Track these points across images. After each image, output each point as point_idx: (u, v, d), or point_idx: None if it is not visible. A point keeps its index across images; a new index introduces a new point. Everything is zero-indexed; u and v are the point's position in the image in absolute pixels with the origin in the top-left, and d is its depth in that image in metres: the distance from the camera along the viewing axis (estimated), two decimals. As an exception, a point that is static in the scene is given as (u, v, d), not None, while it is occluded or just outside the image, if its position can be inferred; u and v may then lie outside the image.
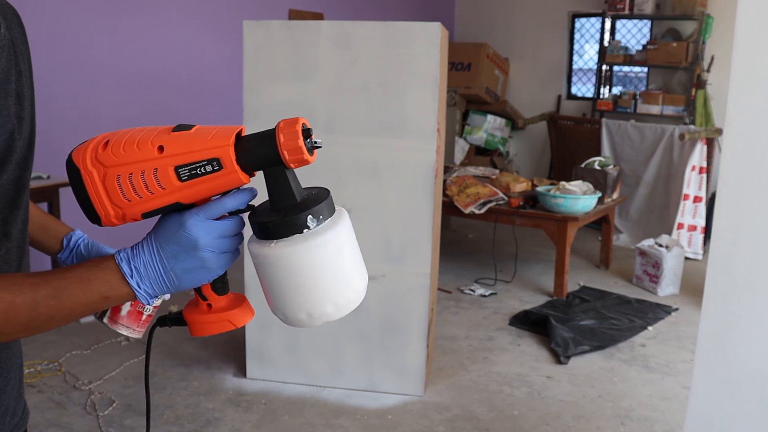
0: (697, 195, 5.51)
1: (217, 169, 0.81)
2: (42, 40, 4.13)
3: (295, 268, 0.83)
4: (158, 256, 0.84)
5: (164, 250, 0.84)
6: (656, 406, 3.13)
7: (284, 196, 0.84)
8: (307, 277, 0.84)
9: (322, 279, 0.85)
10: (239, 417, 2.94)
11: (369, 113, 2.96)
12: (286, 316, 0.88)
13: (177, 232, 0.83)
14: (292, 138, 0.85)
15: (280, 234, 0.82)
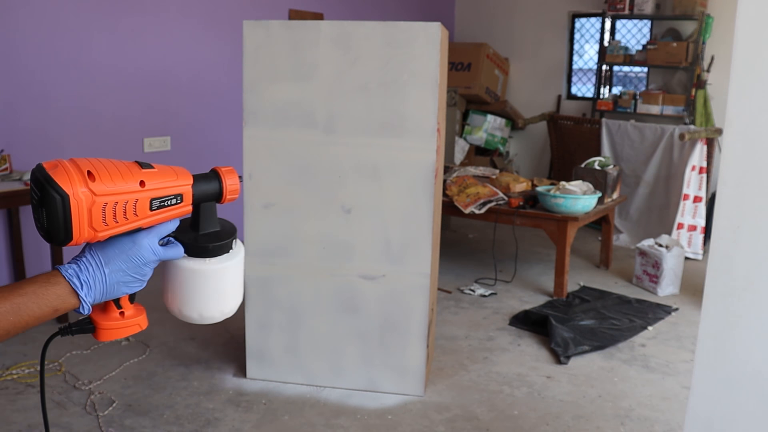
0: (697, 195, 5.51)
1: (179, 203, 0.99)
2: (42, 40, 4.13)
3: (215, 279, 1.04)
4: (105, 270, 0.96)
5: (112, 264, 0.96)
6: (656, 406, 3.13)
7: (211, 224, 1.05)
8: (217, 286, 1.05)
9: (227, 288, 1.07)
10: (239, 417, 2.94)
11: (369, 113, 2.96)
12: (181, 313, 1.06)
13: (130, 249, 0.96)
14: (234, 183, 1.06)
15: (214, 254, 1.04)
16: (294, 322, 3.18)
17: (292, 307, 3.17)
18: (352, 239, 3.06)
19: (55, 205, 0.89)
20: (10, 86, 4.04)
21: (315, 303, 3.15)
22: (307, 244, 3.10)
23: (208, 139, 5.29)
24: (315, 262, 3.11)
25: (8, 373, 3.26)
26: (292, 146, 3.04)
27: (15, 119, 4.09)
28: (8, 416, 2.89)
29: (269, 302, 3.18)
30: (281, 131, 3.03)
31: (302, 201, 3.07)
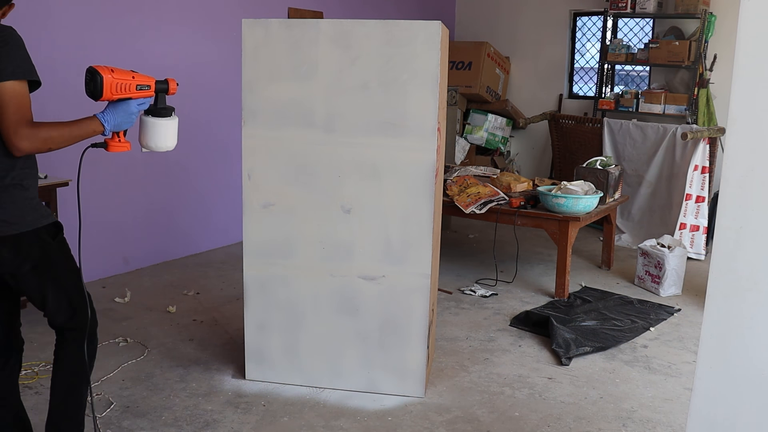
0: (700, 195, 5.49)
1: (148, 89, 2.21)
2: (41, 40, 4.11)
3: (162, 127, 2.25)
4: (116, 115, 2.17)
5: (118, 112, 2.18)
6: (658, 408, 3.11)
7: (162, 104, 2.25)
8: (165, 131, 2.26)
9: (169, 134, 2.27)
10: (238, 419, 2.92)
11: (369, 112, 2.94)
12: (147, 145, 2.26)
13: (126, 105, 2.18)
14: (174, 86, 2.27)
15: (161, 115, 2.25)
16: (293, 323, 3.16)
17: (291, 308, 3.15)
18: (352, 239, 3.04)
19: (97, 80, 2.10)
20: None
21: (314, 303, 3.13)
22: (306, 244, 3.08)
23: (207, 138, 5.28)
24: (315, 262, 3.09)
25: (6, 374, 3.24)
26: (292, 146, 3.02)
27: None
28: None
29: (268, 303, 3.16)
30: (281, 131, 3.02)
31: (302, 201, 3.05)
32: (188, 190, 5.16)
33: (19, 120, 2.00)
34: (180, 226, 5.20)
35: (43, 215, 2.20)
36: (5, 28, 2.06)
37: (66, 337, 2.36)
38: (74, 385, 2.40)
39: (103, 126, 2.14)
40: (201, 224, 5.35)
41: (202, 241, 5.41)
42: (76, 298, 2.31)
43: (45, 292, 2.25)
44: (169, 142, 2.27)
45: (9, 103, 2.00)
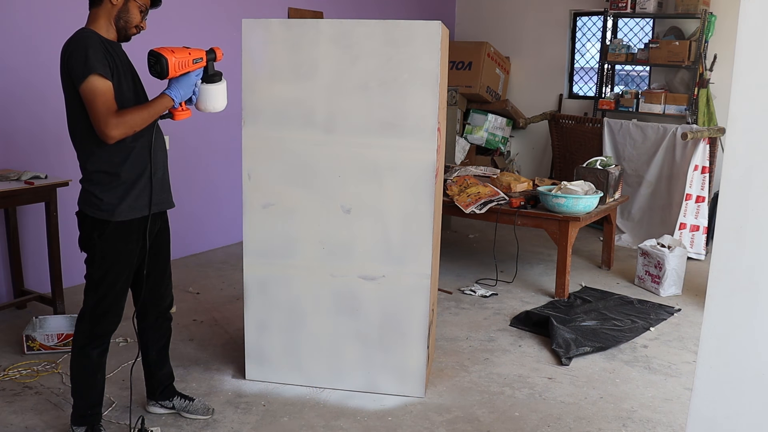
0: (700, 195, 5.49)
1: (202, 60, 2.51)
2: (40, 39, 4.11)
3: (217, 92, 2.57)
4: (180, 88, 2.48)
5: (182, 85, 2.48)
6: (658, 408, 3.10)
7: (213, 70, 2.55)
8: (219, 95, 2.58)
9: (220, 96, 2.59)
10: (238, 419, 2.92)
11: (369, 112, 2.94)
12: (206, 107, 2.58)
13: (187, 78, 2.49)
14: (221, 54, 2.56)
15: (216, 81, 2.56)
16: (293, 323, 3.16)
17: (291, 308, 3.15)
18: (352, 239, 3.04)
19: (162, 62, 2.40)
20: (8, 86, 4.02)
21: (314, 303, 3.12)
22: (306, 244, 3.08)
23: (207, 138, 5.28)
24: (315, 262, 3.09)
25: (5, 374, 3.24)
26: (292, 146, 3.02)
27: (13, 119, 4.07)
28: (5, 417, 2.87)
29: (268, 303, 3.16)
30: (281, 131, 3.01)
31: (302, 201, 3.05)
32: (188, 190, 5.15)
33: (107, 111, 2.31)
34: (180, 226, 5.20)
35: (100, 208, 2.45)
36: (76, 33, 2.39)
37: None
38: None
39: (173, 101, 2.45)
40: (201, 224, 5.35)
41: (202, 241, 5.41)
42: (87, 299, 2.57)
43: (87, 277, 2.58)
44: (221, 103, 2.59)
45: (94, 99, 2.30)
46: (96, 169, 2.44)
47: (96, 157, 2.42)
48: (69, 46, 2.35)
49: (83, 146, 2.43)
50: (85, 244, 2.53)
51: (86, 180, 2.47)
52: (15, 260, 4.07)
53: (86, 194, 2.47)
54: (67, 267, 4.21)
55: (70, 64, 2.32)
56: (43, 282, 4.22)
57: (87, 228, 2.50)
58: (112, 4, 2.42)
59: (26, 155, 4.12)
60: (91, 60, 2.30)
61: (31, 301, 4.06)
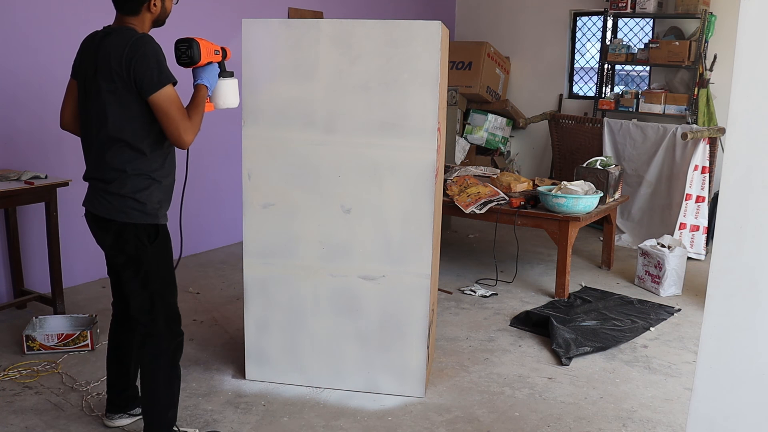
0: (700, 195, 5.49)
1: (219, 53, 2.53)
2: (42, 39, 4.11)
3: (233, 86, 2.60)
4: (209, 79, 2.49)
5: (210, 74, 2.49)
6: (658, 408, 3.10)
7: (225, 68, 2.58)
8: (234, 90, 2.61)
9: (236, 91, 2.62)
10: (238, 419, 2.92)
11: (369, 112, 2.94)
12: (225, 103, 2.59)
13: (214, 70, 2.51)
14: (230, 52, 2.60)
15: (230, 76, 2.58)
16: (293, 323, 3.16)
17: (291, 308, 3.15)
18: (352, 239, 3.04)
19: (194, 48, 2.41)
20: (8, 86, 4.02)
21: (314, 303, 3.12)
22: (306, 244, 3.08)
23: (207, 138, 5.27)
24: (315, 262, 3.09)
25: (5, 374, 3.24)
26: (292, 146, 3.02)
27: (13, 119, 4.07)
28: (5, 418, 2.87)
29: (268, 303, 3.16)
30: (281, 131, 3.01)
31: (302, 201, 3.05)
32: (188, 190, 5.14)
33: (182, 118, 2.32)
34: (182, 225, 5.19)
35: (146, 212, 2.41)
36: (140, 38, 2.31)
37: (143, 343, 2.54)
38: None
39: (207, 89, 2.47)
40: (201, 224, 5.35)
41: (202, 241, 5.41)
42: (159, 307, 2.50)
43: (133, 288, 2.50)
44: (236, 99, 2.62)
45: (170, 107, 2.29)
46: (138, 173, 2.36)
47: (140, 161, 2.37)
48: (132, 52, 2.26)
49: (131, 150, 2.34)
50: (131, 256, 2.42)
51: (121, 185, 2.36)
52: (15, 260, 4.07)
53: (123, 201, 2.37)
54: (67, 267, 4.21)
55: (137, 71, 2.25)
56: (43, 282, 4.22)
57: (130, 237, 2.40)
58: (151, 13, 2.40)
59: (26, 155, 4.12)
60: (165, 68, 2.29)
61: (31, 301, 4.06)
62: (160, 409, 2.53)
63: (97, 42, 2.35)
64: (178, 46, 2.42)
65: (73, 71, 2.49)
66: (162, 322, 2.49)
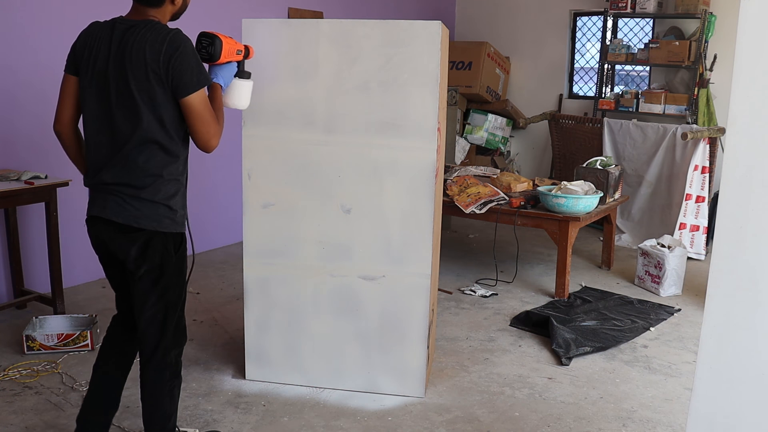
0: (700, 195, 5.49)
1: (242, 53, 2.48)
2: (41, 39, 4.11)
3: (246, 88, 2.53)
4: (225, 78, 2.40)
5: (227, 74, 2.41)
6: (658, 408, 3.10)
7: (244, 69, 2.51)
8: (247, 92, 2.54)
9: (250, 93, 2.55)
10: (238, 419, 2.92)
11: (369, 112, 2.94)
12: (235, 103, 2.51)
13: (230, 66, 2.42)
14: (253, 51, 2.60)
15: (247, 77, 2.53)
16: (293, 323, 3.16)
17: (291, 308, 3.15)
18: (352, 239, 3.04)
19: (216, 44, 2.32)
20: (8, 86, 4.02)
21: (314, 303, 3.12)
22: (306, 244, 3.08)
23: (208, 138, 5.27)
24: (314, 262, 3.09)
25: (5, 374, 3.24)
26: (292, 146, 3.02)
27: (13, 119, 4.07)
28: (5, 418, 2.87)
29: (268, 303, 3.16)
30: (280, 131, 3.01)
31: (302, 201, 3.05)
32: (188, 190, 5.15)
33: (214, 122, 2.23)
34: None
35: (176, 221, 2.29)
36: (176, 33, 2.16)
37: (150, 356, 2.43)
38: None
39: (222, 88, 2.39)
40: (201, 224, 5.34)
41: (202, 241, 5.40)
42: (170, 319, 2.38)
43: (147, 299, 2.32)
44: (247, 101, 2.55)
45: (205, 110, 2.20)
46: (171, 178, 2.24)
47: (174, 165, 2.25)
48: (172, 49, 2.12)
49: (165, 153, 2.21)
50: (155, 266, 2.28)
51: (155, 191, 2.22)
52: (15, 260, 4.07)
53: (155, 208, 2.23)
54: (67, 267, 4.21)
55: (176, 70, 2.12)
56: (43, 282, 4.22)
57: (159, 247, 2.26)
58: (173, 5, 2.27)
59: (26, 155, 4.12)
60: (203, 69, 2.20)
61: (31, 301, 4.06)
62: (163, 421, 2.47)
63: (119, 35, 2.16)
64: (200, 40, 2.32)
65: (71, 66, 2.29)
66: (170, 335, 2.39)
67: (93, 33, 2.25)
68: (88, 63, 2.22)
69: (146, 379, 2.43)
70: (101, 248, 2.36)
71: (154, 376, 2.41)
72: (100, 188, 2.26)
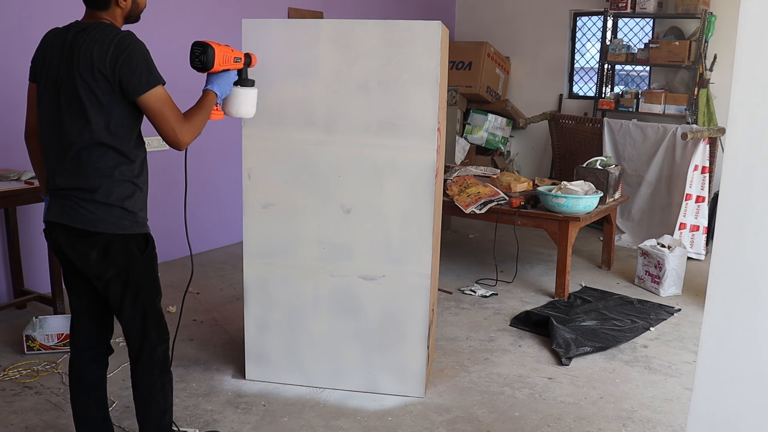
0: (700, 195, 5.49)
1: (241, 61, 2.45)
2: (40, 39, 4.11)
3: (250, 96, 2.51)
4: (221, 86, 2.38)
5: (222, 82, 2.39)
6: (658, 408, 3.10)
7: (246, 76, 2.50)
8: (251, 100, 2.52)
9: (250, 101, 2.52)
10: (238, 419, 2.92)
11: (369, 112, 2.94)
12: (231, 112, 2.50)
13: (227, 75, 2.40)
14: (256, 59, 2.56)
15: (250, 85, 2.51)
16: (293, 323, 3.16)
17: (291, 308, 3.15)
18: (352, 239, 3.04)
19: (209, 53, 2.30)
20: (8, 86, 4.02)
21: (314, 303, 3.12)
22: (306, 244, 3.08)
23: (207, 137, 5.27)
24: (314, 262, 3.09)
25: (5, 374, 3.24)
26: (292, 146, 3.02)
27: (13, 119, 4.07)
28: (5, 417, 2.87)
29: (268, 303, 3.16)
30: (280, 131, 3.01)
31: (302, 201, 3.05)
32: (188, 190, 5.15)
33: (176, 118, 2.19)
34: (179, 226, 5.20)
35: (137, 222, 2.27)
36: (125, 36, 2.14)
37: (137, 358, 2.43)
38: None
39: (216, 96, 2.35)
40: (201, 224, 5.35)
41: (202, 241, 5.41)
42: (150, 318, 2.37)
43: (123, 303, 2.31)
44: (252, 109, 2.52)
45: (163, 108, 2.16)
46: (123, 179, 2.20)
47: (125, 167, 2.20)
48: (118, 50, 2.10)
49: (116, 153, 2.18)
50: (121, 269, 2.25)
51: (107, 193, 2.18)
52: (15, 260, 4.07)
53: (110, 211, 2.19)
54: (67, 267, 4.20)
55: (123, 71, 2.09)
56: (43, 282, 4.22)
57: (120, 249, 2.23)
58: (121, 8, 2.23)
59: (26, 155, 4.11)
60: (154, 69, 2.16)
61: (31, 301, 4.06)
62: (158, 417, 2.47)
63: (70, 38, 2.15)
64: (193, 49, 2.31)
65: (32, 73, 2.28)
66: (154, 333, 2.39)
67: (48, 39, 2.25)
68: (43, 68, 2.22)
69: (137, 379, 2.44)
70: (60, 256, 2.32)
71: (143, 375, 2.42)
72: (56, 193, 2.23)
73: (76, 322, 2.42)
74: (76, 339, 2.43)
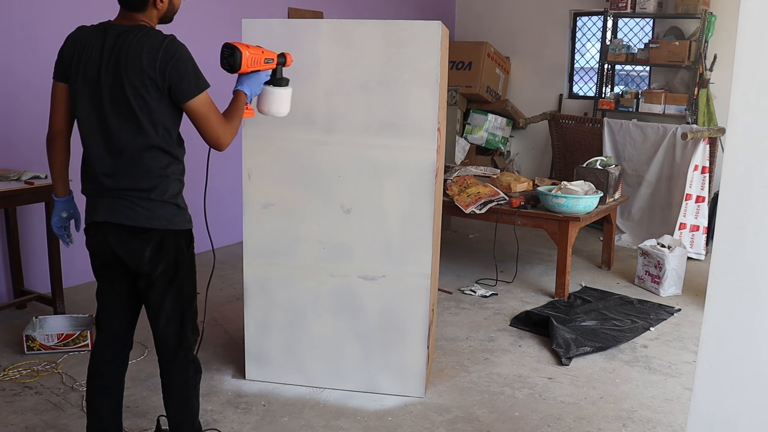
0: (700, 195, 5.49)
1: (272, 61, 2.44)
2: (41, 39, 4.11)
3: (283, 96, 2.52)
4: (251, 87, 2.40)
5: (252, 82, 2.40)
6: (658, 408, 3.10)
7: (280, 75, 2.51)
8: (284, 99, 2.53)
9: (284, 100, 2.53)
10: (238, 419, 2.92)
11: (369, 112, 2.94)
12: (266, 111, 2.54)
13: (257, 76, 2.41)
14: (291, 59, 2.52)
15: (280, 85, 2.51)
16: (293, 323, 3.16)
17: (291, 308, 3.15)
18: (352, 239, 3.04)
19: (237, 55, 2.32)
20: (8, 86, 4.02)
21: (314, 303, 3.13)
22: (306, 244, 3.08)
23: (208, 138, 5.27)
24: (314, 262, 3.09)
25: (5, 374, 3.24)
26: (292, 146, 3.02)
27: (13, 119, 4.07)
28: (5, 417, 2.87)
29: (268, 303, 3.16)
30: (281, 131, 3.01)
31: (302, 201, 3.05)
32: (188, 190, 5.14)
33: (221, 122, 2.25)
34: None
35: (186, 219, 2.40)
36: (171, 40, 2.16)
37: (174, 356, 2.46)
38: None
39: (246, 96, 2.39)
40: (201, 224, 5.34)
41: (203, 240, 5.40)
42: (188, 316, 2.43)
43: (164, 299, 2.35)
44: (285, 108, 2.54)
45: (209, 112, 2.22)
46: (175, 177, 2.32)
47: (175, 165, 2.32)
48: (168, 56, 2.13)
49: (167, 155, 2.26)
50: (170, 264, 2.33)
51: (163, 191, 2.26)
52: (15, 260, 4.07)
53: (164, 208, 2.27)
54: (67, 267, 4.21)
55: (173, 76, 2.13)
56: (43, 282, 4.22)
57: (172, 244, 2.32)
58: (158, 9, 2.25)
59: (26, 155, 4.12)
60: (200, 74, 2.21)
61: (31, 301, 4.06)
62: (193, 418, 2.50)
63: (111, 41, 2.16)
64: (222, 51, 2.37)
65: (60, 74, 2.30)
66: (190, 331, 2.44)
67: (81, 39, 2.24)
68: (78, 70, 2.21)
69: (172, 380, 2.44)
70: (106, 254, 2.34)
71: (180, 375, 2.44)
72: (103, 194, 2.24)
73: (105, 318, 2.44)
74: (104, 335, 2.45)
